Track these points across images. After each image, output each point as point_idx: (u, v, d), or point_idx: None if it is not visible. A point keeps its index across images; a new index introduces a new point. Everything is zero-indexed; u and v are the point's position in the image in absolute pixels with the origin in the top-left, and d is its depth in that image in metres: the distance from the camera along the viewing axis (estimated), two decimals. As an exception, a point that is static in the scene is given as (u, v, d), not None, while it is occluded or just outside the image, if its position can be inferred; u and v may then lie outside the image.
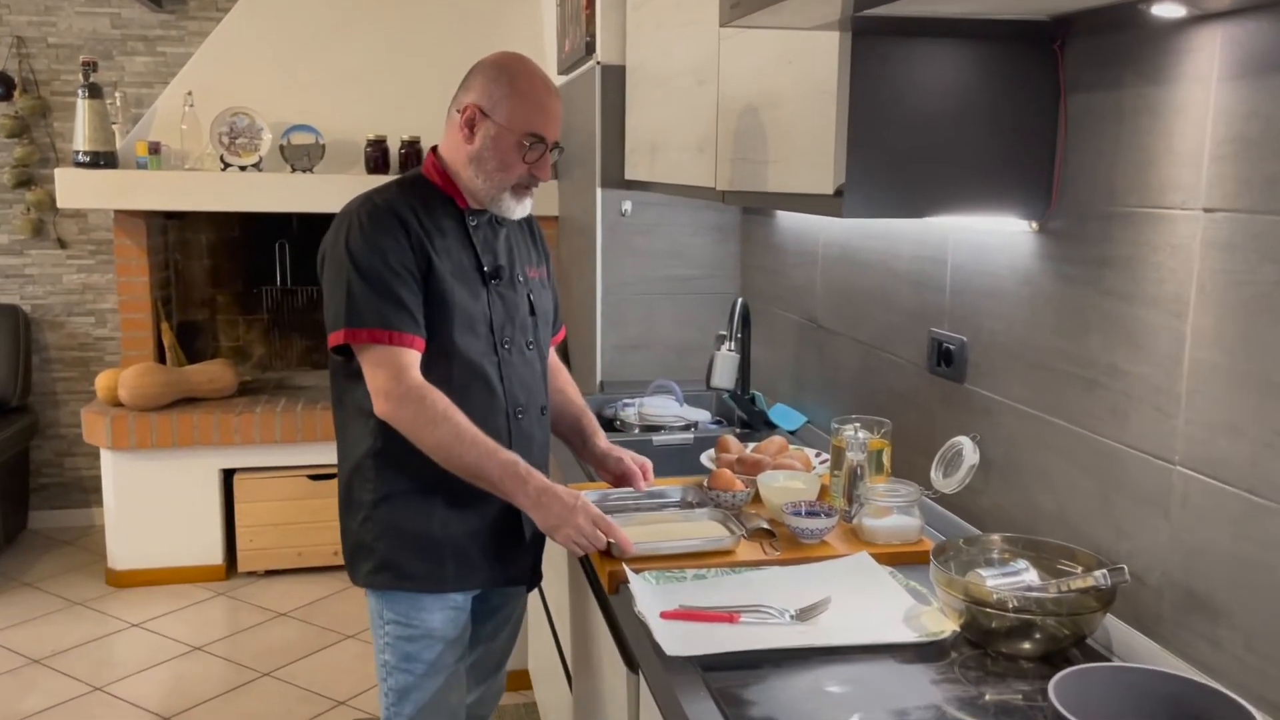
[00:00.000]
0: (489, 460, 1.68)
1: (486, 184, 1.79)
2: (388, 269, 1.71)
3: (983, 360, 1.79)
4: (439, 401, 1.69)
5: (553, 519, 1.67)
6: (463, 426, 1.68)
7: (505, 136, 1.77)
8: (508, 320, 1.84)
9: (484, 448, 1.68)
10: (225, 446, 3.95)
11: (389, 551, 1.76)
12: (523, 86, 1.78)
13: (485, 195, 1.81)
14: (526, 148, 1.78)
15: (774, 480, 1.92)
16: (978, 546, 1.56)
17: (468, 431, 1.68)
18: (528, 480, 1.69)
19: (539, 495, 1.68)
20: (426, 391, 1.69)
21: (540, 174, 1.81)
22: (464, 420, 1.69)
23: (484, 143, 1.77)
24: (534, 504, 1.68)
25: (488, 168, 1.78)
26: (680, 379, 2.94)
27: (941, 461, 1.84)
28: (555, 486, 1.70)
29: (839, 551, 1.74)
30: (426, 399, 1.69)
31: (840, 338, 2.37)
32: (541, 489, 1.69)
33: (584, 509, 1.67)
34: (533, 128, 1.78)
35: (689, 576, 1.65)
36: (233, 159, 3.91)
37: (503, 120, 1.77)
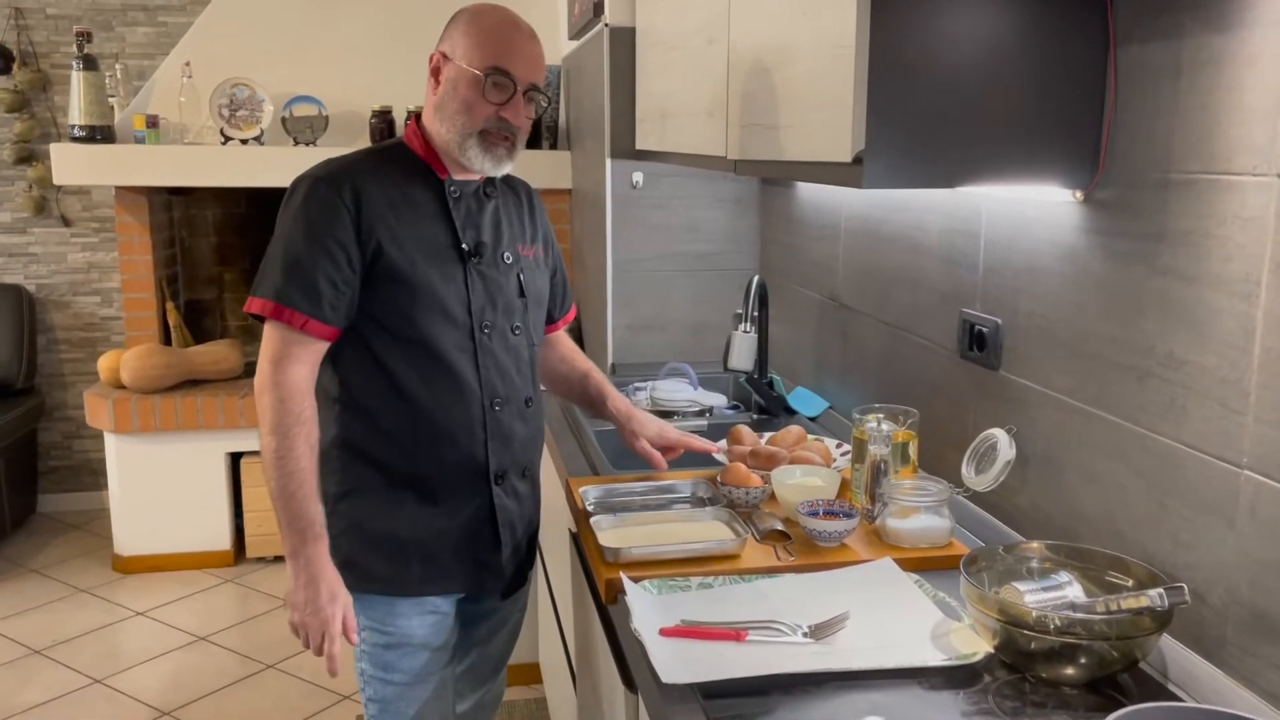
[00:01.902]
0: (292, 501, 1.54)
1: (450, 132, 1.63)
2: (312, 244, 1.56)
3: (1020, 345, 1.62)
4: (299, 412, 1.55)
5: (298, 596, 1.55)
6: (296, 453, 1.54)
7: (466, 76, 1.61)
8: (489, 303, 1.68)
9: (296, 485, 1.53)
10: (231, 429, 3.84)
11: (351, 550, 1.63)
12: (484, 22, 1.62)
13: (454, 148, 1.64)
14: (489, 85, 1.60)
15: (789, 476, 1.76)
16: (1014, 555, 1.40)
17: (297, 461, 1.54)
18: (307, 545, 1.54)
19: (306, 567, 1.54)
20: (294, 394, 1.55)
21: (511, 117, 1.62)
22: (304, 447, 1.55)
23: (445, 87, 1.63)
24: (295, 569, 1.55)
25: (449, 111, 1.62)
26: (695, 361, 2.79)
27: (974, 456, 1.68)
28: (329, 576, 1.55)
29: (860, 556, 1.58)
30: (288, 401, 1.54)
31: (864, 318, 2.20)
32: (313, 564, 1.54)
33: (329, 618, 1.54)
34: (494, 61, 1.60)
35: (694, 585, 1.50)
36: (233, 132, 3.78)
37: (461, 58, 1.61)
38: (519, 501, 1.75)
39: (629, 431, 1.90)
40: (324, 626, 1.55)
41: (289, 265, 1.56)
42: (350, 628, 1.58)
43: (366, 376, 1.63)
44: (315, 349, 1.59)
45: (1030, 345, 1.59)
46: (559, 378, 1.99)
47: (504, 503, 1.72)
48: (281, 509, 1.55)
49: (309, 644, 1.57)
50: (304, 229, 1.57)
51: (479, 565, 1.73)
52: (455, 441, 1.65)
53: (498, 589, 1.77)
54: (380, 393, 1.63)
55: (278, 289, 1.56)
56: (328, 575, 1.56)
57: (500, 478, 1.70)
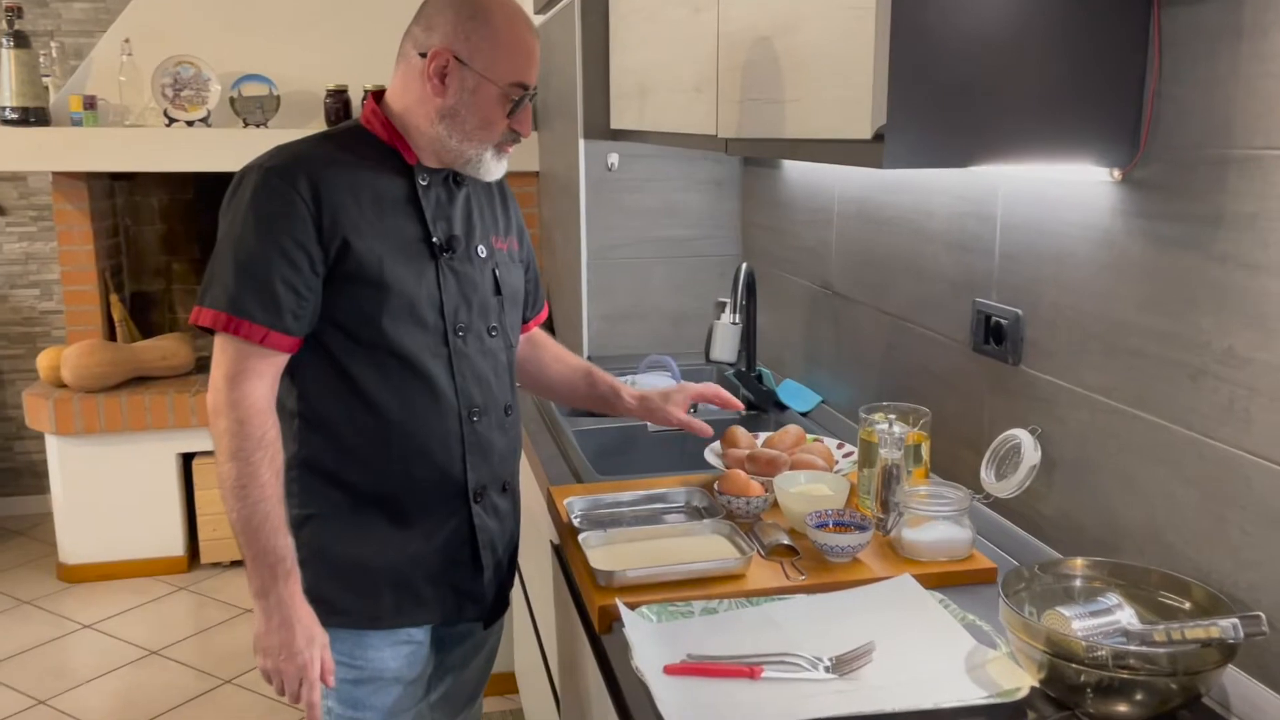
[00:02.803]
0: (259, 535, 1.37)
1: (464, 144, 1.48)
2: (267, 244, 1.39)
3: (1044, 338, 1.48)
4: (261, 434, 1.38)
5: (271, 640, 1.39)
6: (260, 480, 1.37)
7: (487, 90, 1.46)
8: (463, 302, 1.52)
9: (262, 518, 1.37)
10: (182, 429, 3.64)
11: (314, 580, 1.46)
12: (503, 28, 1.45)
13: (458, 157, 1.49)
14: (513, 102, 1.47)
15: (793, 483, 1.62)
16: (1053, 573, 1.27)
17: (262, 490, 1.37)
18: (278, 583, 1.38)
19: (278, 607, 1.38)
20: (254, 414, 1.38)
21: (523, 129, 1.52)
22: (269, 473, 1.38)
23: (461, 96, 1.45)
24: (264, 610, 1.39)
25: (466, 126, 1.47)
26: (676, 353, 2.64)
27: (993, 459, 1.55)
28: (305, 616, 1.40)
29: (875, 573, 1.44)
30: (248, 423, 1.37)
31: (860, 307, 2.06)
32: (286, 604, 1.38)
33: (307, 662, 1.39)
34: (518, 77, 1.47)
35: (696, 611, 1.35)
36: (178, 113, 3.56)
37: (484, 69, 1.45)
38: (499, 520, 1.59)
39: (660, 412, 1.77)
40: (301, 673, 1.39)
41: (241, 270, 1.39)
42: (329, 670, 1.42)
43: (328, 387, 1.47)
44: (276, 362, 1.42)
45: (1057, 339, 1.45)
46: (558, 380, 1.83)
47: (484, 522, 1.56)
48: (246, 544, 1.39)
49: (284, 691, 1.41)
50: (256, 228, 1.40)
51: (458, 592, 1.57)
52: (429, 457, 1.49)
53: (479, 616, 1.61)
54: (344, 405, 1.47)
55: (231, 298, 1.39)
56: (303, 616, 1.40)
57: (479, 495, 1.55)
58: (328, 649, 1.44)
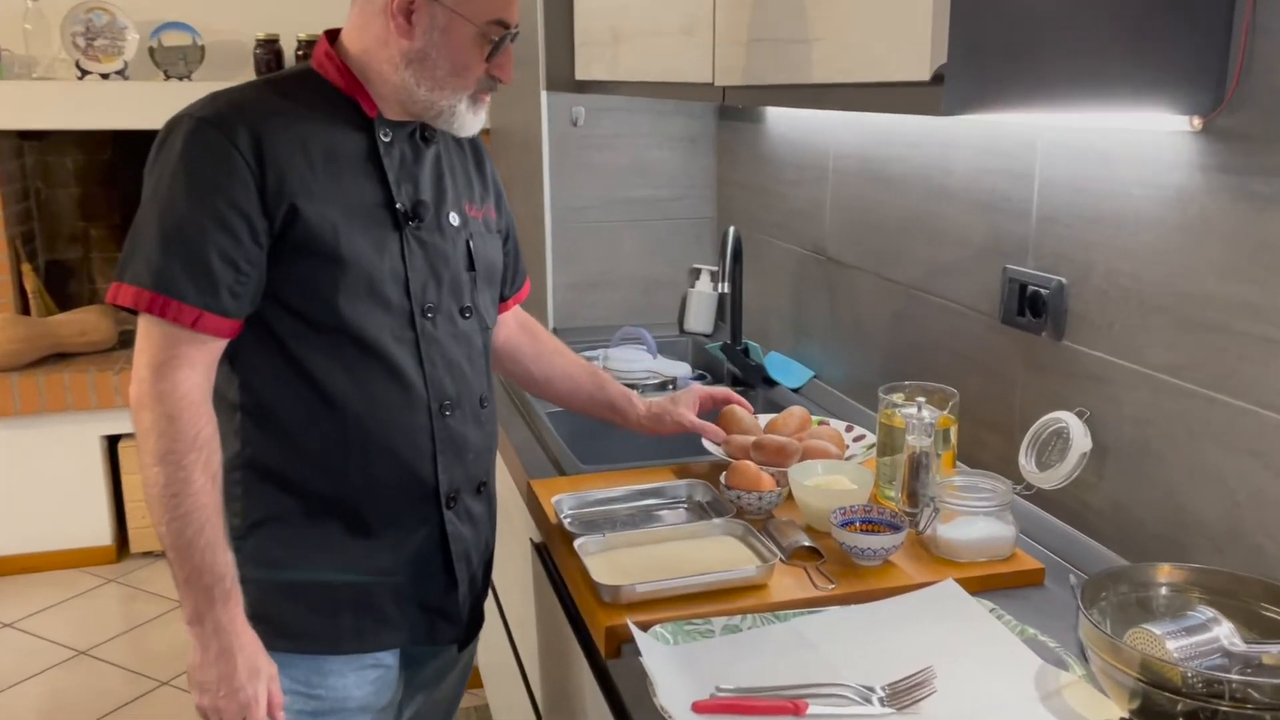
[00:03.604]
0: (191, 551, 1.17)
1: (434, 93, 1.26)
2: (200, 209, 1.17)
3: (1094, 311, 1.32)
4: (195, 432, 1.17)
5: (208, 674, 1.19)
6: (193, 487, 1.16)
7: (461, 29, 1.24)
8: (431, 278, 1.32)
9: (196, 530, 1.16)
10: (106, 410, 3.36)
11: (261, 598, 1.25)
12: None
13: (427, 108, 1.28)
14: (492, 44, 1.26)
15: (809, 475, 1.45)
16: (1129, 582, 1.11)
17: (196, 499, 1.16)
18: (215, 607, 1.18)
19: (216, 635, 1.18)
20: (186, 409, 1.17)
21: (502, 75, 1.30)
22: (203, 478, 1.17)
23: (431, 37, 1.23)
24: (200, 639, 1.19)
25: (438, 72, 1.25)
26: (648, 323, 2.45)
27: (1033, 444, 1.39)
28: (247, 642, 1.20)
29: (911, 578, 1.28)
30: (179, 419, 1.16)
31: (859, 274, 1.89)
32: (225, 631, 1.18)
33: (251, 700, 1.19)
34: (498, 13, 1.26)
35: (717, 629, 1.18)
36: (91, 65, 3.26)
37: (457, 5, 1.23)
38: (474, 526, 1.40)
39: (670, 416, 1.59)
40: (244, 711, 1.18)
41: (169, 239, 1.17)
42: (277, 706, 1.22)
43: (275, 376, 1.25)
44: (211, 349, 1.21)
45: (1111, 311, 1.29)
46: (560, 377, 1.62)
47: (458, 530, 1.36)
48: (178, 562, 1.18)
49: None
50: (186, 189, 1.17)
51: (428, 610, 1.37)
52: (395, 457, 1.29)
53: (453, 636, 1.42)
54: (294, 397, 1.26)
55: (156, 272, 1.16)
56: (246, 644, 1.19)
57: (452, 499, 1.35)
58: (276, 681, 1.24)
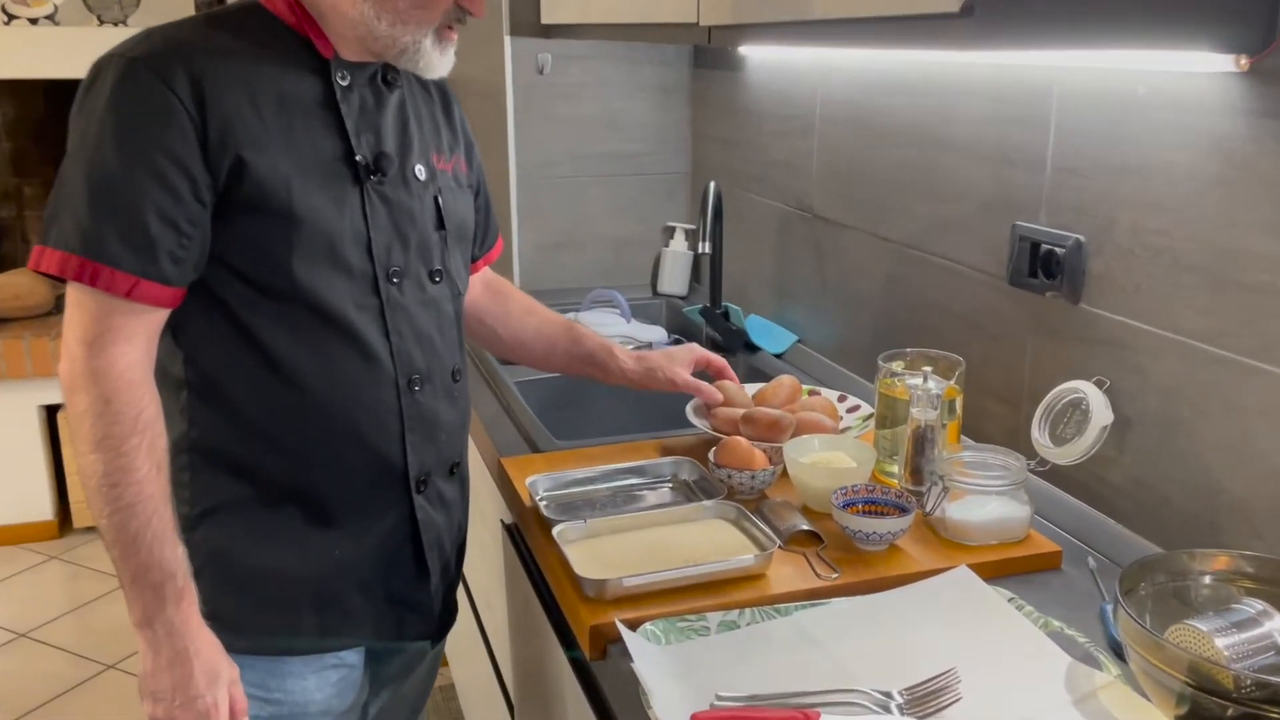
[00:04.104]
0: (137, 547, 1.04)
1: (396, 28, 1.11)
2: (133, 162, 1.02)
3: (1117, 270, 1.22)
4: (135, 414, 1.04)
5: (161, 681, 1.06)
6: (136, 475, 1.03)
7: None
8: (397, 239, 1.18)
9: (141, 523, 1.03)
10: (44, 378, 3.19)
11: (213, 594, 1.12)
12: None
13: (390, 46, 1.13)
14: None
15: (806, 451, 1.33)
16: (1166, 570, 1.01)
17: (139, 489, 1.03)
18: (166, 607, 1.05)
19: (169, 638, 1.05)
20: (124, 388, 1.04)
21: (473, 7, 1.16)
22: (147, 465, 1.04)
23: None
24: (150, 643, 1.06)
25: (400, 3, 1.10)
26: (620, 284, 2.33)
27: (1046, 416, 1.29)
28: (204, 645, 1.07)
29: (920, 564, 1.18)
30: (116, 399, 1.03)
31: (849, 232, 1.77)
32: (179, 633, 1.06)
33: (211, 707, 1.07)
34: None
35: (713, 626, 1.07)
36: (19, 9, 3.07)
37: None
38: (446, 511, 1.27)
39: (663, 372, 1.47)
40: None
41: (99, 197, 1.02)
42: (241, 712, 1.10)
43: (224, 349, 1.12)
44: (150, 320, 1.06)
45: (1138, 271, 1.19)
46: (532, 338, 1.49)
47: (429, 516, 1.24)
48: (122, 559, 1.04)
49: None
50: (118, 140, 1.03)
51: (397, 603, 1.25)
52: (359, 437, 1.16)
53: (424, 632, 1.30)
54: (246, 372, 1.12)
55: (85, 235, 1.01)
56: (203, 647, 1.07)
57: (423, 483, 1.22)
58: (238, 685, 1.12)
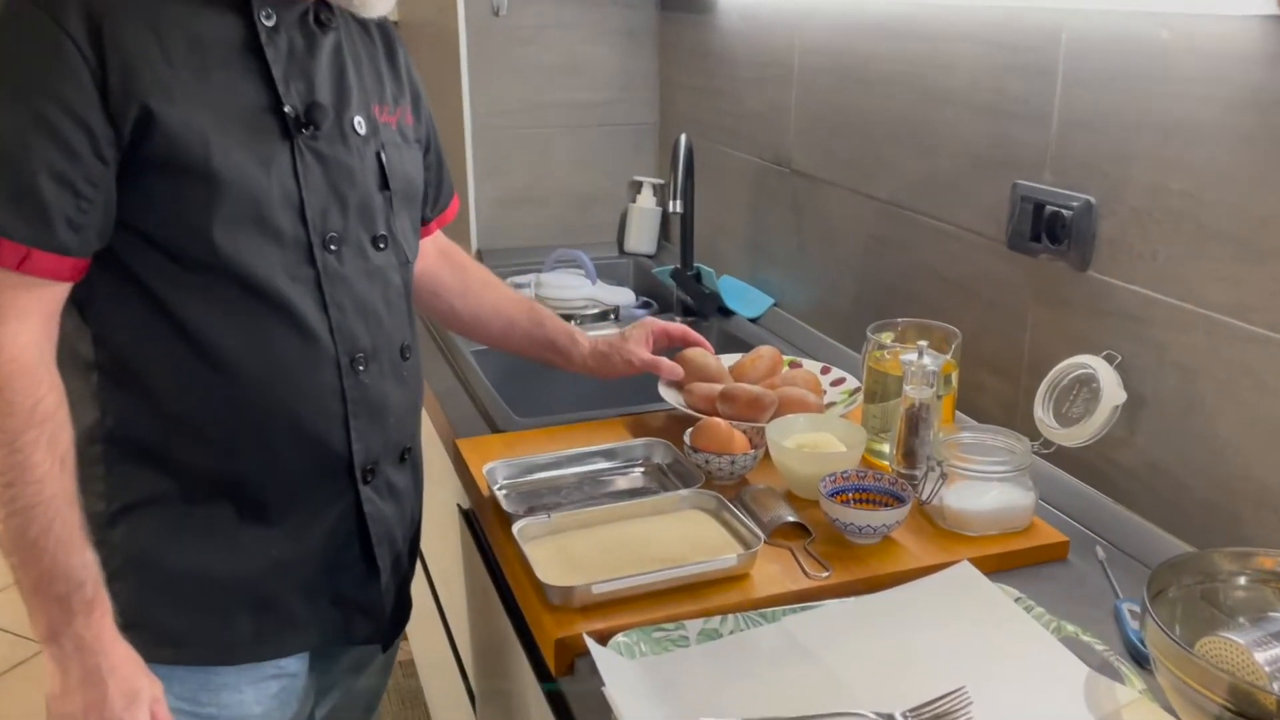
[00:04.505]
0: (38, 554, 0.91)
1: None
2: (19, 115, 0.88)
3: (1132, 236, 1.11)
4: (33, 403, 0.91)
5: (71, 704, 0.93)
6: (35, 473, 0.90)
7: None
8: (334, 201, 1.04)
9: (42, 527, 0.90)
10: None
11: (136, 599, 1.00)
12: None
13: None
14: None
15: (788, 433, 1.22)
16: (1195, 571, 0.92)
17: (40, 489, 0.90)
18: (75, 620, 0.92)
19: (79, 654, 0.93)
20: (18, 374, 0.90)
21: None
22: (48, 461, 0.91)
23: None
24: (58, 660, 0.93)
25: None
26: (585, 243, 2.20)
27: (1050, 393, 1.19)
28: (120, 660, 0.95)
29: (918, 558, 1.07)
30: (8, 389, 0.89)
31: (832, 189, 1.65)
32: (89, 648, 0.93)
33: None
34: None
35: (692, 635, 0.96)
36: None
37: None
38: (397, 501, 1.15)
39: (619, 355, 1.36)
40: None
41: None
42: None
43: (139, 328, 0.98)
44: (48, 296, 0.93)
45: (1156, 237, 1.08)
46: (491, 314, 1.37)
47: (377, 508, 1.12)
48: (22, 567, 0.91)
49: None
50: (8, 100, 0.89)
51: (344, 605, 1.13)
52: (296, 424, 1.03)
53: (375, 633, 1.19)
54: (165, 353, 0.98)
55: None
56: (119, 663, 0.94)
57: (370, 472, 1.10)
58: (161, 703, 1.00)
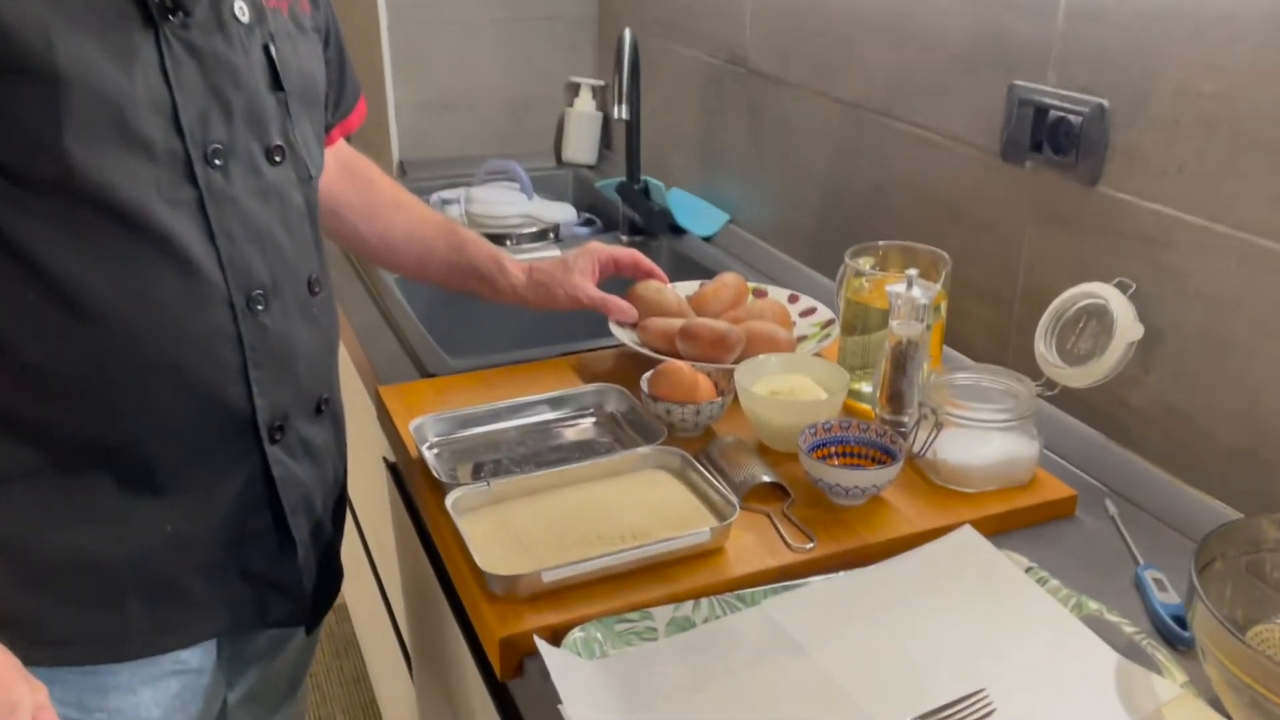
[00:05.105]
0: None
1: None
2: None
3: (1152, 146, 0.97)
4: None
5: None
6: None
7: None
8: (215, 105, 0.85)
9: None
10: None
11: (7, 593, 0.84)
12: None
13: None
14: None
15: (759, 375, 1.07)
16: (1238, 542, 0.80)
17: None
18: None
19: None
20: None
21: None
22: None
23: None
24: None
25: None
26: (521, 153, 2.01)
27: (1054, 325, 1.06)
28: None
29: (912, 522, 0.94)
30: None
31: (794, 92, 1.48)
32: None
33: None
34: None
35: (661, 626, 0.82)
36: None
37: None
38: (315, 461, 0.98)
39: (562, 288, 1.20)
40: None
41: None
42: None
43: None
44: None
45: (1182, 147, 0.94)
46: (402, 238, 1.19)
47: (290, 472, 0.95)
48: None
49: None
50: None
51: (256, 582, 0.97)
52: (184, 379, 0.85)
53: (294, 614, 1.03)
54: (17, 299, 0.80)
55: None
56: None
57: (278, 430, 0.93)
58: (47, 709, 0.84)
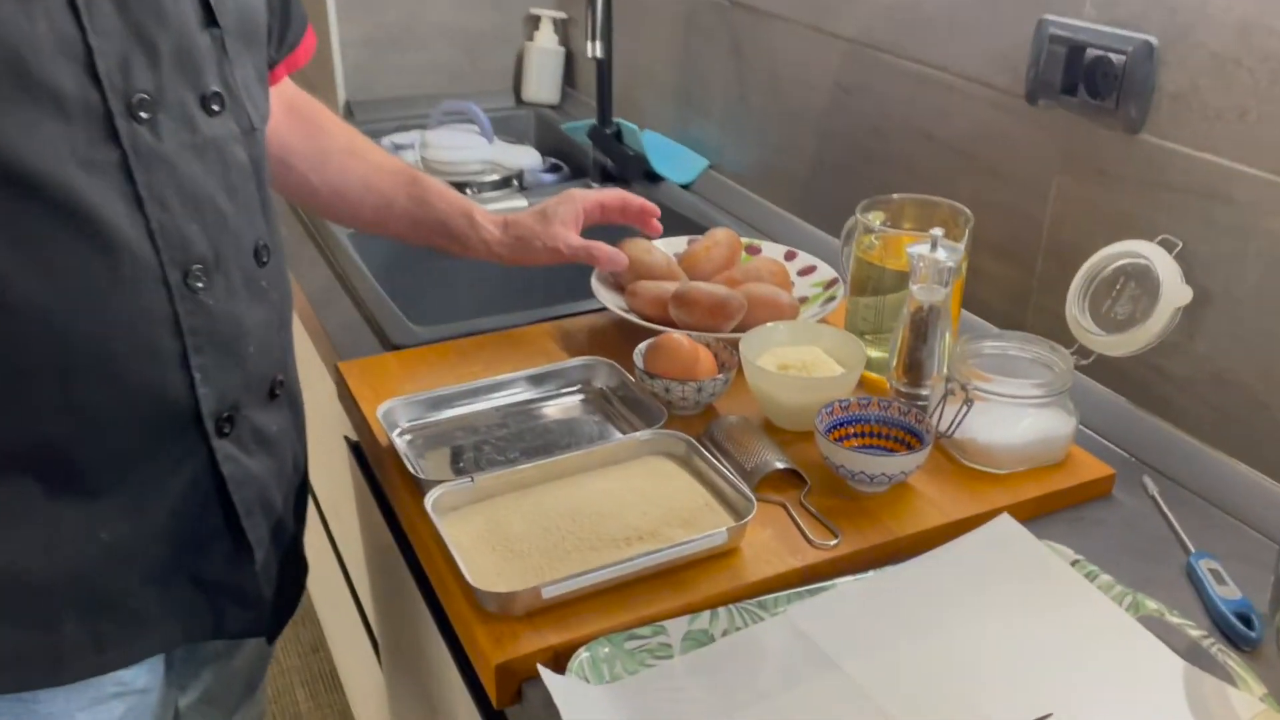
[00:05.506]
0: None
1: None
2: None
3: (1207, 89, 0.87)
4: None
5: None
6: None
7: None
8: (138, 47, 0.71)
9: None
10: None
11: None
12: None
13: None
14: None
15: (765, 347, 0.97)
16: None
17: None
18: None
19: None
20: None
21: None
22: None
23: None
24: None
25: None
26: (479, 93, 1.86)
27: (1087, 286, 0.97)
28: None
29: (943, 512, 0.85)
30: None
31: (784, 26, 1.36)
32: None
33: None
34: None
35: (676, 641, 0.72)
36: None
37: None
38: (270, 452, 0.86)
39: (541, 239, 1.07)
40: None
41: None
42: None
43: None
44: None
45: (1242, 91, 0.84)
46: (358, 189, 1.06)
47: (242, 467, 0.83)
48: None
49: None
50: None
51: (208, 589, 0.86)
52: (110, 369, 0.73)
53: (254, 624, 0.92)
54: None
55: None
56: None
57: (226, 421, 0.81)
58: None
